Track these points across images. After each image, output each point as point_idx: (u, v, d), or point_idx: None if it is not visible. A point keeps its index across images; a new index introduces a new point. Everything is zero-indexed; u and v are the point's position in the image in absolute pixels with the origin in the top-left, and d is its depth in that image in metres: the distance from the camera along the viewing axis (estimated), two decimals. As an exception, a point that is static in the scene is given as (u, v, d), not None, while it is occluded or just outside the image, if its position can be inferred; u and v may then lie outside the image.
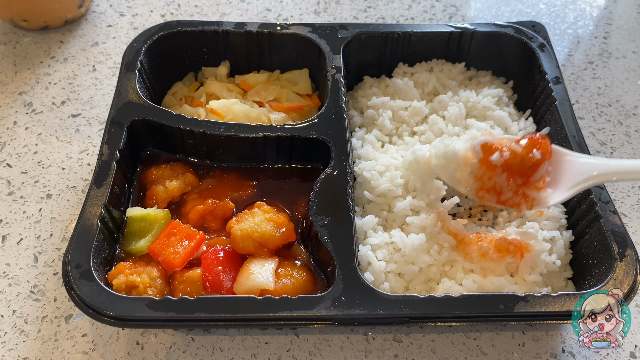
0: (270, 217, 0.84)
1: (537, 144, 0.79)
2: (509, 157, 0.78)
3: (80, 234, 0.78)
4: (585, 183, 0.81)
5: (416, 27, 1.06)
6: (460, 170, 0.82)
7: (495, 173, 0.79)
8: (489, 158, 0.78)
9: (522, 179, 0.79)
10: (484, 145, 0.80)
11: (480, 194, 0.81)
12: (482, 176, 0.80)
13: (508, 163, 0.78)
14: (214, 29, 1.05)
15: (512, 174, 0.78)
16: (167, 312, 0.72)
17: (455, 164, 0.82)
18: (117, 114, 0.92)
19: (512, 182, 0.79)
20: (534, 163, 0.78)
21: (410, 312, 0.73)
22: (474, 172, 0.80)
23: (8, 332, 0.84)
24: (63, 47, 1.24)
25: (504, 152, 0.78)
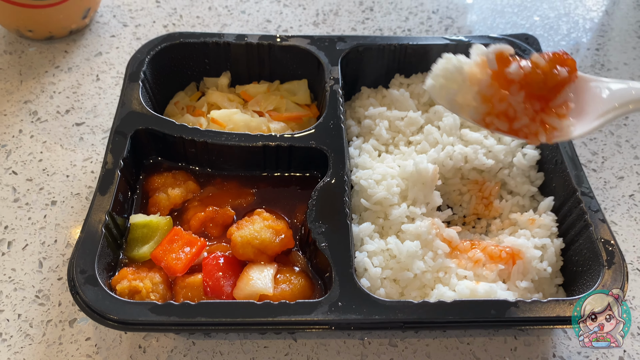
0: (269, 224, 0.87)
1: (562, 61, 0.66)
2: (530, 72, 0.65)
3: (85, 240, 0.80)
4: (615, 112, 0.68)
5: (412, 40, 1.09)
6: (464, 90, 0.69)
7: (510, 91, 0.65)
8: (504, 70, 0.65)
9: (540, 103, 0.66)
10: (500, 55, 0.66)
11: (489, 120, 0.68)
12: (493, 96, 0.67)
13: (528, 79, 0.65)
14: (215, 40, 1.07)
15: (530, 95, 0.66)
16: (169, 317, 0.74)
17: (458, 83, 0.69)
18: (121, 124, 0.95)
19: (531, 104, 0.66)
20: (558, 82, 0.65)
21: (405, 317, 0.75)
22: (482, 91, 0.67)
23: (14, 335, 0.86)
24: (67, 57, 1.27)
25: (523, 64, 0.65)
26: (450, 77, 0.69)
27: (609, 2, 1.46)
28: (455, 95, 0.69)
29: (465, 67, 0.68)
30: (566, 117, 0.68)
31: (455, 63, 0.68)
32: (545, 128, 0.68)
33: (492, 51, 0.66)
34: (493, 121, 0.69)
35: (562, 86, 0.66)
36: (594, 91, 0.70)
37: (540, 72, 0.65)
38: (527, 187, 0.97)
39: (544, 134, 0.68)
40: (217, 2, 1.40)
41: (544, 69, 0.65)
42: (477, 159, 0.97)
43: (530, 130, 0.68)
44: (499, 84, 0.66)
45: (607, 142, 1.15)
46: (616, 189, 1.07)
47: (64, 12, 1.23)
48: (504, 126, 0.69)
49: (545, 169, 0.97)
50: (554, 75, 0.65)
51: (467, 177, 1.00)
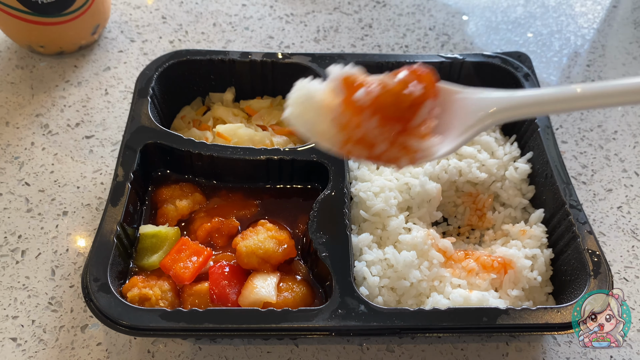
0: (272, 235, 0.91)
1: (416, 76, 0.62)
2: (379, 94, 0.60)
3: (98, 249, 0.84)
4: (481, 123, 0.65)
5: (409, 57, 1.14)
6: (321, 118, 0.64)
7: (363, 117, 0.60)
8: (352, 99, 0.60)
9: (399, 124, 0.61)
10: (347, 80, 0.61)
11: (348, 148, 0.64)
12: (348, 124, 0.62)
13: (379, 102, 0.60)
14: (220, 57, 1.12)
15: (386, 118, 0.60)
16: (178, 322, 0.78)
17: (313, 111, 0.64)
18: (131, 138, 0.99)
19: (387, 129, 0.61)
20: (413, 101, 0.61)
21: (402, 323, 0.79)
22: (336, 119, 0.62)
23: (28, 340, 0.90)
24: (77, 72, 1.32)
25: (371, 87, 0.60)
26: (304, 105, 0.64)
27: (600, 20, 1.51)
28: (313, 123, 0.65)
29: (317, 94, 0.63)
30: (428, 137, 0.63)
31: (306, 91, 0.64)
32: (406, 151, 0.63)
33: (337, 77, 0.62)
34: (352, 149, 0.64)
35: (419, 104, 0.61)
36: (459, 104, 0.67)
37: (390, 94, 0.60)
38: (518, 199, 1.01)
39: (406, 158, 0.63)
40: (222, 18, 1.45)
41: (394, 89, 0.60)
42: (470, 172, 1.01)
43: (391, 156, 0.63)
44: (352, 111, 0.61)
45: (597, 155, 1.19)
46: (605, 201, 1.11)
47: (74, 29, 1.28)
48: (364, 153, 0.63)
49: (536, 182, 1.02)
50: (407, 95, 0.60)
51: (462, 190, 1.04)
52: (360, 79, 0.62)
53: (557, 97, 0.64)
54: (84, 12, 1.26)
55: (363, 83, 0.61)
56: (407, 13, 1.49)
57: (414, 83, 0.61)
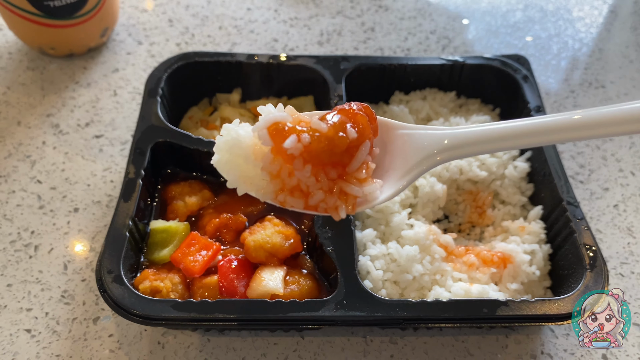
0: (279, 230, 0.94)
1: (351, 117, 0.57)
2: (310, 142, 0.55)
3: (112, 243, 0.87)
4: (426, 164, 0.62)
5: (411, 60, 1.17)
6: (250, 166, 0.59)
7: (295, 166, 0.56)
8: (282, 146, 0.55)
9: (336, 170, 0.57)
10: (273, 127, 0.56)
11: (281, 198, 0.59)
12: (280, 172, 0.58)
13: (311, 150, 0.55)
14: (228, 59, 1.15)
15: (319, 166, 0.56)
16: (189, 313, 0.81)
17: (242, 158, 0.59)
18: (141, 136, 1.02)
19: (323, 176, 0.57)
20: (349, 145, 0.57)
21: (405, 314, 0.82)
22: (266, 167, 0.57)
23: (42, 332, 0.93)
24: (86, 73, 1.35)
25: (302, 135, 0.55)
26: (232, 152, 0.59)
27: (597, 24, 1.55)
28: (243, 171, 0.60)
29: (246, 140, 0.58)
30: (368, 182, 0.59)
31: (233, 136, 0.58)
32: (345, 199, 0.58)
33: (262, 126, 0.56)
34: (286, 199, 0.59)
35: (356, 147, 0.57)
36: (401, 141, 0.63)
37: (323, 140, 0.55)
38: (518, 197, 1.04)
39: (344, 207, 0.58)
40: (227, 22, 1.49)
41: (327, 135, 0.55)
42: (471, 170, 1.04)
43: (329, 205, 0.58)
44: (283, 159, 0.56)
45: (594, 155, 1.22)
46: (602, 199, 1.14)
47: (84, 31, 1.31)
48: (299, 204, 0.59)
49: (535, 180, 1.05)
50: (341, 139, 0.55)
51: (462, 188, 1.07)
52: (288, 125, 0.56)
53: (509, 132, 0.61)
54: (94, 15, 1.30)
55: (292, 130, 0.56)
56: (408, 17, 1.53)
57: (349, 125, 0.56)
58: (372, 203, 0.61)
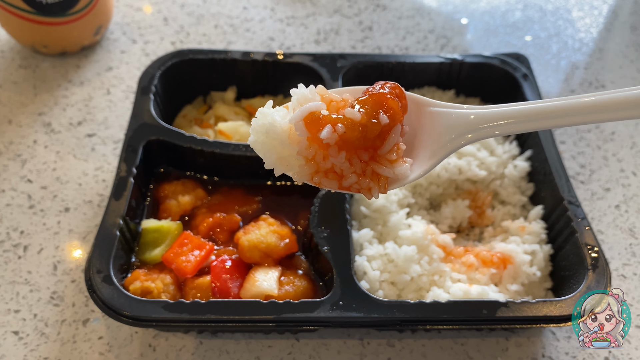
0: (274, 230, 0.92)
1: (383, 104, 0.59)
2: (344, 132, 0.57)
3: (101, 242, 0.85)
4: (455, 142, 0.63)
5: (409, 58, 1.15)
6: (286, 149, 0.61)
7: (330, 153, 0.58)
8: (317, 135, 0.58)
9: (368, 152, 0.60)
10: (309, 118, 0.58)
11: (316, 180, 0.61)
12: (315, 156, 0.60)
13: (345, 138, 0.58)
14: (222, 57, 1.13)
15: (353, 151, 0.59)
16: (181, 314, 0.79)
17: (278, 141, 0.61)
18: (133, 134, 1.00)
19: (356, 159, 0.59)
20: (381, 131, 0.59)
21: (402, 315, 0.80)
22: (302, 152, 0.59)
23: (30, 334, 0.90)
24: (79, 72, 1.33)
25: (337, 125, 0.57)
26: (269, 134, 0.60)
27: (597, 24, 1.53)
28: (279, 153, 0.61)
29: (281, 127, 0.60)
30: (398, 162, 0.61)
31: (269, 121, 0.60)
32: (378, 180, 0.61)
33: (299, 117, 0.58)
34: (322, 180, 0.61)
35: (387, 132, 0.59)
36: (431, 119, 0.65)
37: (356, 128, 0.58)
38: (518, 196, 1.02)
39: (376, 187, 0.61)
40: (223, 20, 1.47)
41: (360, 122, 0.58)
42: (470, 170, 1.02)
43: (362, 186, 0.61)
44: (318, 145, 0.59)
45: (595, 155, 1.20)
46: (603, 200, 1.12)
47: (77, 29, 1.29)
48: (334, 185, 0.61)
49: (535, 180, 1.03)
50: (374, 126, 0.58)
51: (462, 188, 1.05)
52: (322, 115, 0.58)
53: (542, 111, 0.61)
54: (87, 13, 1.28)
55: (326, 120, 0.58)
56: (406, 16, 1.51)
57: (381, 111, 0.59)
58: (402, 182, 0.63)
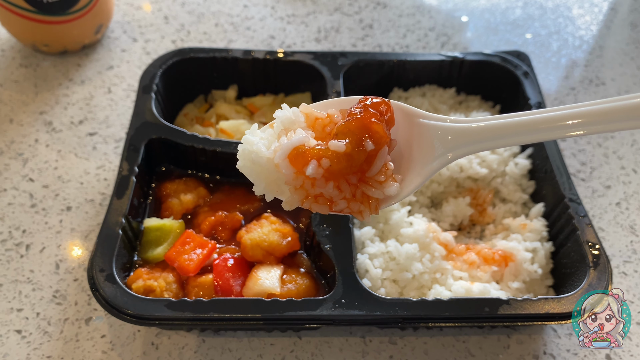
0: (276, 228, 0.92)
1: (367, 129, 0.58)
2: (330, 165, 0.57)
3: (104, 241, 0.85)
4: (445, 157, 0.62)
5: (410, 56, 1.15)
6: (274, 175, 0.61)
7: (317, 184, 0.59)
8: (303, 170, 0.58)
9: (356, 175, 0.60)
10: (293, 154, 0.58)
11: (307, 205, 0.61)
12: (303, 185, 0.60)
13: (332, 171, 0.58)
14: (223, 55, 1.13)
15: (340, 179, 0.59)
16: (184, 312, 0.79)
17: (264, 168, 0.61)
18: (135, 133, 1.00)
19: (345, 185, 0.59)
20: (367, 156, 0.59)
21: (404, 313, 0.80)
22: (290, 183, 0.60)
23: (33, 332, 0.90)
24: (80, 70, 1.33)
25: (322, 160, 0.57)
26: (255, 162, 0.61)
27: (597, 22, 1.53)
28: (268, 178, 0.62)
29: (266, 156, 0.60)
30: (387, 183, 0.61)
31: (255, 150, 0.60)
32: (368, 202, 0.61)
33: (282, 155, 0.58)
34: (312, 205, 0.61)
35: (374, 157, 0.59)
36: (419, 131, 0.64)
37: (342, 159, 0.57)
38: (519, 194, 1.03)
39: (367, 209, 0.61)
40: (224, 18, 1.47)
41: (346, 153, 0.57)
42: (471, 168, 1.02)
43: (353, 210, 0.61)
44: (305, 177, 0.59)
45: (595, 153, 1.21)
46: (604, 197, 1.13)
47: (78, 28, 1.29)
48: (325, 209, 0.61)
49: (536, 178, 1.03)
50: (360, 154, 0.58)
51: (463, 185, 1.05)
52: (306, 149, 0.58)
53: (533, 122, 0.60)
54: (88, 12, 1.28)
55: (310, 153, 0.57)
56: (407, 14, 1.51)
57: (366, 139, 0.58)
58: (394, 200, 0.63)
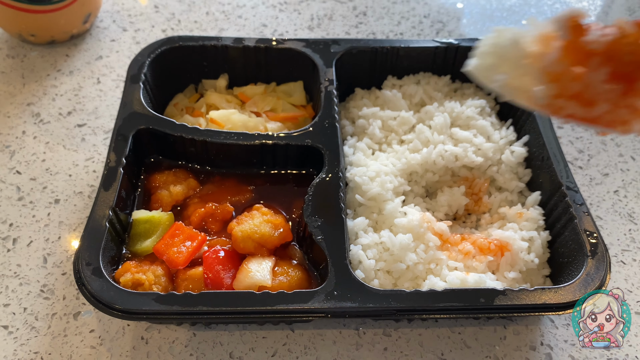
0: (268, 219, 0.90)
1: None
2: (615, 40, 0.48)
3: (90, 234, 0.83)
4: None
5: (404, 42, 1.13)
6: (522, 69, 0.53)
7: (590, 66, 0.49)
8: (580, 40, 0.49)
9: (623, 83, 0.50)
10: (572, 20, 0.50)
11: (558, 104, 0.52)
12: (563, 75, 0.51)
13: (614, 50, 0.48)
14: (213, 43, 1.11)
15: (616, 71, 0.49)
16: (172, 306, 0.77)
17: (512, 61, 0.53)
18: (123, 124, 0.98)
19: (614, 85, 0.50)
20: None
21: (398, 305, 0.79)
22: (548, 67, 0.51)
23: (20, 328, 0.89)
24: (69, 61, 1.30)
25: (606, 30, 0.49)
26: (502, 55, 0.53)
27: (595, 7, 1.51)
28: (510, 75, 0.54)
29: (524, 40, 0.52)
30: None
31: (509, 36, 0.53)
32: (637, 114, 0.51)
33: (562, 18, 0.50)
34: (564, 105, 0.52)
35: None
36: None
37: (630, 42, 0.48)
38: (515, 183, 1.01)
39: (637, 121, 0.51)
40: (215, 7, 1.44)
41: (635, 37, 0.48)
42: (466, 156, 1.00)
43: (617, 118, 0.51)
44: (574, 58, 0.50)
45: (593, 140, 1.19)
46: (601, 185, 1.11)
47: (65, 17, 1.27)
48: (579, 112, 0.52)
49: (533, 166, 1.01)
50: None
51: (458, 174, 1.03)
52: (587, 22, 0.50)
53: None
54: (75, 0, 1.25)
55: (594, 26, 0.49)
56: (401, 1, 1.49)
57: None
58: None
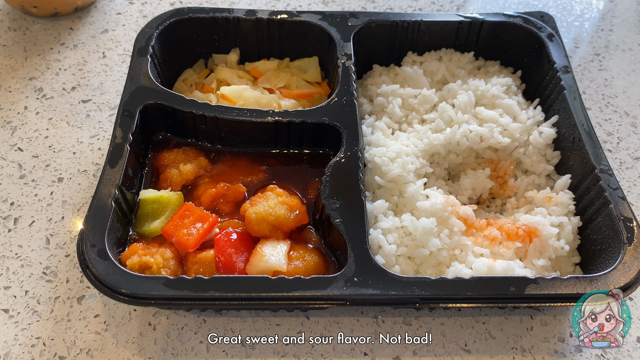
0: (283, 200, 0.85)
1: None
2: None
3: (95, 213, 0.78)
4: None
5: (425, 17, 1.07)
6: None
7: None
8: None
9: None
10: None
11: None
12: None
13: None
14: (224, 15, 1.05)
15: None
16: (182, 291, 0.72)
17: None
18: (130, 98, 0.93)
19: None
20: None
21: (422, 293, 0.74)
22: None
23: (21, 312, 0.84)
24: (73, 34, 1.25)
25: None
26: None
27: None
28: None
29: None
30: None
31: None
32: None
33: None
34: None
35: None
36: None
37: None
38: (542, 165, 0.95)
39: None
40: (225, -20, 1.38)
41: None
42: (492, 137, 0.95)
43: None
44: None
45: (623, 122, 1.13)
46: (632, 169, 1.05)
47: (69, -12, 1.21)
48: None
49: (562, 147, 0.96)
50: None
51: (482, 156, 0.98)
52: None
53: None
54: (80, -30, 1.19)
55: None
56: (420, -25, 1.42)
57: None
58: None
